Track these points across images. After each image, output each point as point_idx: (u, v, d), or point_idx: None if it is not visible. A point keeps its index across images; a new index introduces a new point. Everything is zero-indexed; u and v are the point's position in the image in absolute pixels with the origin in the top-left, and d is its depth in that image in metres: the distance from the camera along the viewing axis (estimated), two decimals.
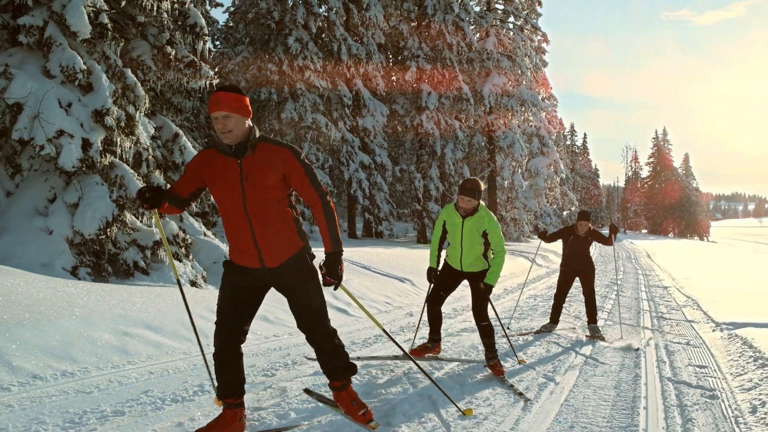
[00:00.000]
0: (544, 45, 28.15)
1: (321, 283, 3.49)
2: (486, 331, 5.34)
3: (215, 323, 3.49)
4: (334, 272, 3.37)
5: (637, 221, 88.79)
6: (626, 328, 8.02)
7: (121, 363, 4.73)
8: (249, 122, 3.33)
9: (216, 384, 3.50)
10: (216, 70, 12.98)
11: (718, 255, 33.69)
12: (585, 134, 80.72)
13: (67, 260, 7.79)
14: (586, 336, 7.47)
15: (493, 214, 5.46)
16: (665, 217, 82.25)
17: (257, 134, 3.37)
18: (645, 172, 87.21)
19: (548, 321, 7.87)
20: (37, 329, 4.66)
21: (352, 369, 3.74)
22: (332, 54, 19.09)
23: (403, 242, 23.15)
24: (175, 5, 9.51)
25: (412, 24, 21.53)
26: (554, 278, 15.57)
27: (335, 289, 3.46)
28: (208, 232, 10.39)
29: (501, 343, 6.03)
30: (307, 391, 4.17)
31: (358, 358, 5.23)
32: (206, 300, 6.91)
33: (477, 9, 25.28)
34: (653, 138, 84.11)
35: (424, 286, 10.02)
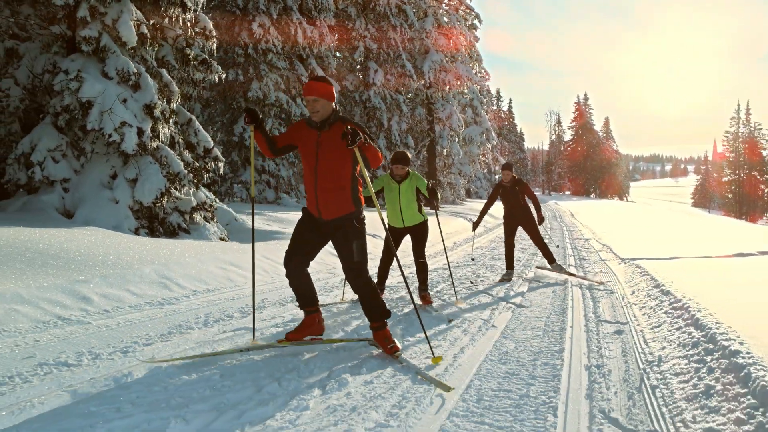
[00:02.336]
0: (476, 22, 31.42)
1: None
2: (422, 267, 6.80)
3: (285, 252, 4.54)
4: (354, 138, 4.05)
5: (561, 183, 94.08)
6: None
7: (208, 288, 7.51)
8: (333, 105, 4.35)
9: (296, 298, 4.66)
10: None
11: (635, 213, 38.27)
12: (510, 99, 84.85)
13: (131, 223, 10.33)
14: (553, 270, 9.09)
15: (420, 175, 6.87)
16: (587, 179, 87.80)
17: (339, 115, 4.37)
18: (568, 136, 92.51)
19: (505, 270, 9.12)
20: (143, 269, 7.39)
21: (387, 314, 4.53)
22: (290, 37, 21.52)
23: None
24: (192, 13, 11.91)
25: (359, 6, 24.17)
26: (492, 234, 19.02)
27: (352, 144, 4.03)
28: (218, 201, 12.98)
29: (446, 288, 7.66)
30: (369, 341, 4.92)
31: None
32: (234, 249, 9.66)
33: None
34: (575, 103, 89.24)
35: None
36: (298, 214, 6.65)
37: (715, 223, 31.82)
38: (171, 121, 11.43)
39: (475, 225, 9.48)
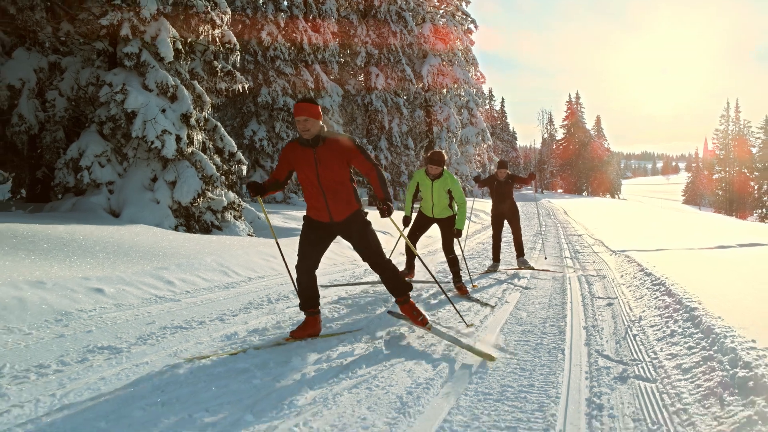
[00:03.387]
0: (471, 27, 32.83)
1: (379, 216, 4.85)
2: (453, 261, 7.37)
3: (297, 258, 4.95)
4: (387, 209, 4.75)
5: (553, 181, 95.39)
6: (552, 260, 12.37)
7: (249, 277, 8.76)
8: (320, 123, 4.64)
9: (300, 301, 4.99)
10: None
11: (626, 211, 39.71)
12: (503, 98, 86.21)
13: (171, 221, 11.56)
14: (518, 268, 9.75)
15: (454, 176, 7.40)
16: (579, 177, 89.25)
17: (325, 130, 4.72)
18: (560, 135, 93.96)
19: (492, 262, 9.90)
20: (193, 258, 8.65)
21: (408, 287, 5.10)
22: (296, 44, 22.78)
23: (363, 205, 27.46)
24: (219, 29, 13.15)
25: (361, 14, 25.45)
26: (488, 232, 20.30)
27: (387, 215, 4.74)
28: (243, 201, 14.22)
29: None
30: (389, 312, 5.89)
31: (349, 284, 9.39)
32: (271, 244, 10.91)
33: None
34: (567, 102, 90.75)
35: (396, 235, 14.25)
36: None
37: (703, 219, 33.28)
38: (203, 128, 12.66)
39: (477, 179, 10.14)
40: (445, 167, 7.41)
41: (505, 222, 10.16)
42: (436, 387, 3.77)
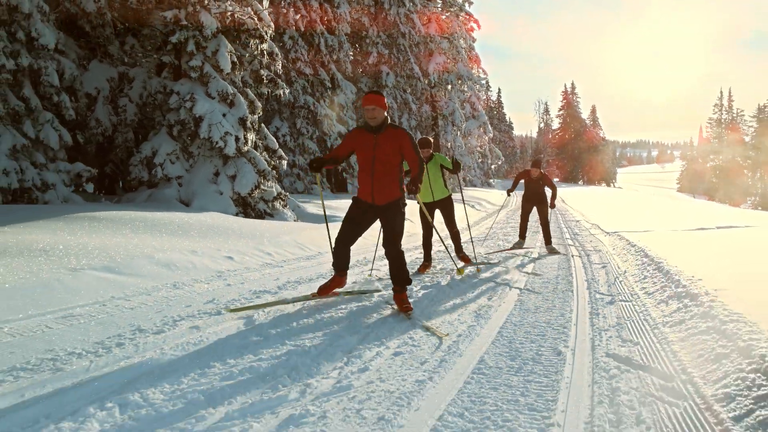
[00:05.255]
0: (474, 25, 35.13)
1: (406, 197, 5.58)
2: (456, 235, 8.75)
3: (338, 231, 5.83)
4: (416, 189, 5.48)
5: (549, 171, 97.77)
6: (555, 241, 14.78)
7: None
8: (385, 112, 5.32)
9: (333, 262, 6.01)
10: None
11: (621, 198, 42.21)
12: (499, 89, 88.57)
13: (232, 210, 13.82)
14: (546, 253, 10.93)
15: (441, 153, 9.38)
16: (574, 166, 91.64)
17: (388, 121, 5.43)
18: (555, 124, 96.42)
19: (518, 239, 11.52)
20: (262, 238, 10.94)
21: (408, 282, 5.73)
22: (313, 46, 25.00)
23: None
24: (267, 43, 15.37)
25: (372, 16, 27.72)
26: (490, 221, 22.67)
27: (416, 193, 5.55)
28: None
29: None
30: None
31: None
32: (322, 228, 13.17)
33: None
34: (563, 92, 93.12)
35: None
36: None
37: (695, 206, 35.80)
38: (255, 129, 14.93)
39: (509, 192, 11.89)
40: (432, 151, 8.35)
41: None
42: (498, 305, 6.08)
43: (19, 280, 5.48)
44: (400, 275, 5.69)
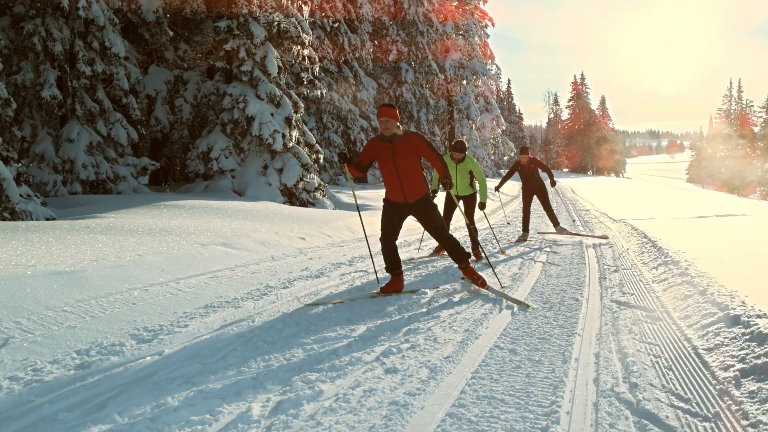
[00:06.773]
0: (487, 21, 36.86)
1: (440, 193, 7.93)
2: (472, 230, 9.08)
3: (381, 233, 6.41)
4: (449, 184, 6.07)
5: (558, 161, 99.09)
6: (566, 227, 16.62)
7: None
8: (397, 123, 5.89)
9: (386, 265, 6.48)
10: None
11: (630, 189, 43.79)
12: (509, 80, 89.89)
13: (280, 199, 15.71)
14: (557, 233, 12.20)
15: (474, 159, 9.20)
16: (584, 156, 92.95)
17: (400, 129, 5.99)
18: (565, 115, 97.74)
19: (522, 232, 11.96)
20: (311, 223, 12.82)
21: (467, 255, 6.51)
22: (337, 44, 26.81)
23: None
24: (307, 49, 17.20)
25: (391, 15, 29.50)
26: (499, 213, 24.48)
27: (449, 188, 6.12)
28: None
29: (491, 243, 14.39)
30: (462, 278, 10.22)
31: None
32: (350, 215, 15.01)
33: None
34: (572, 82, 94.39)
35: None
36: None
37: (702, 197, 37.40)
38: (298, 127, 16.80)
39: (497, 188, 12.14)
40: (467, 153, 9.05)
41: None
42: (528, 273, 7.93)
43: (171, 251, 7.38)
44: (456, 254, 6.44)
